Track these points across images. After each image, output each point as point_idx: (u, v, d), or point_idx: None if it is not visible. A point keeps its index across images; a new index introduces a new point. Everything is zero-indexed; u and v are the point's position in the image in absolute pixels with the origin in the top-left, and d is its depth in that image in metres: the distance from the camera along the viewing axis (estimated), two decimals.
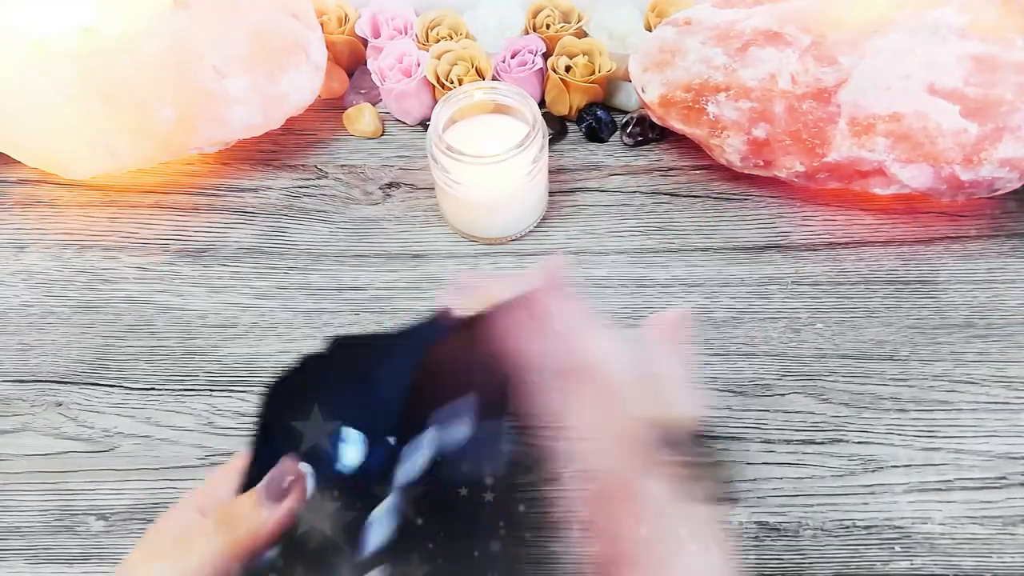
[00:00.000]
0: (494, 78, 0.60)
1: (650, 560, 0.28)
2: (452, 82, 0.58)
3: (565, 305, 0.34)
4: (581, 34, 0.61)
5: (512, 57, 0.60)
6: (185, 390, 0.50)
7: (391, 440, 0.32)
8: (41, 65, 0.51)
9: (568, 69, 0.59)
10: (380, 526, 0.31)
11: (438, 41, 0.60)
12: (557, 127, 0.60)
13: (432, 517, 0.31)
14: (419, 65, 0.59)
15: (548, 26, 0.61)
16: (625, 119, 0.60)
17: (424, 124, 0.61)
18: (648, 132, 0.59)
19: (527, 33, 0.62)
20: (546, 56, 0.61)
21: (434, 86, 0.59)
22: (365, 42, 0.63)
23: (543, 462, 0.30)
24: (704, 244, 0.55)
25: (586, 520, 0.30)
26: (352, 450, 0.33)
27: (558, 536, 0.37)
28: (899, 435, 0.47)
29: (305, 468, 0.32)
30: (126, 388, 0.51)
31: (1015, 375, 0.49)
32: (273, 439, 0.34)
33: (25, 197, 0.59)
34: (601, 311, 0.52)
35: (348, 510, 0.31)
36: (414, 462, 0.32)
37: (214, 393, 0.50)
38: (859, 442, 0.47)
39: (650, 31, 0.61)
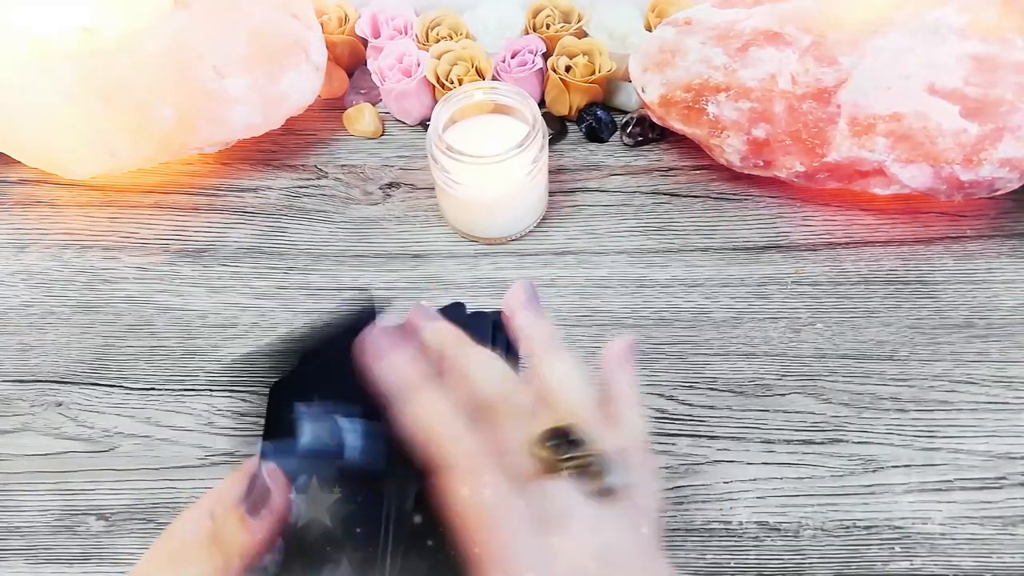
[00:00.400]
0: (494, 78, 0.60)
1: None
2: (452, 82, 0.58)
3: (535, 326, 0.34)
4: (581, 34, 0.61)
5: (512, 57, 0.60)
6: (185, 390, 0.50)
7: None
8: (41, 65, 0.51)
9: (568, 69, 0.59)
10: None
11: (438, 41, 0.60)
12: (557, 127, 0.60)
13: (429, 514, 0.31)
14: (419, 65, 0.59)
15: (548, 26, 0.61)
16: (625, 119, 0.60)
17: (424, 124, 0.61)
18: (648, 132, 0.59)
19: (527, 33, 0.62)
20: (546, 56, 0.61)
21: (434, 86, 0.59)
22: (365, 42, 0.63)
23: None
24: (704, 244, 0.55)
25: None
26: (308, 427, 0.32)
27: None
28: (899, 435, 0.47)
29: (273, 474, 0.31)
30: (126, 388, 0.51)
31: (1015, 375, 0.49)
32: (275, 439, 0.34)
33: (25, 197, 0.59)
34: (601, 311, 0.52)
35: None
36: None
37: (214, 393, 0.50)
38: (859, 442, 0.47)
39: (650, 31, 0.61)
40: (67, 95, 0.52)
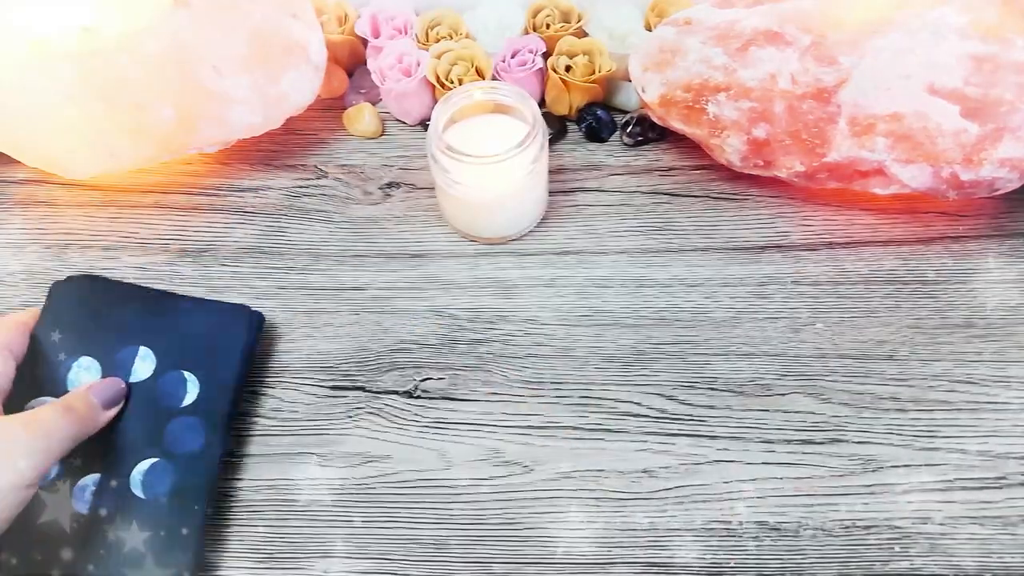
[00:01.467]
0: (494, 78, 0.60)
1: None
2: (452, 82, 0.58)
3: None
4: (581, 34, 0.61)
5: (512, 57, 0.60)
6: None
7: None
8: (41, 65, 0.51)
9: (568, 69, 0.59)
10: None
11: (438, 41, 0.60)
12: (557, 127, 0.60)
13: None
14: (419, 65, 0.59)
15: (548, 26, 0.61)
16: (625, 119, 0.60)
17: (424, 124, 0.61)
18: (648, 132, 0.59)
19: (527, 33, 0.62)
20: (546, 56, 0.61)
21: (434, 86, 0.59)
22: (365, 42, 0.63)
23: None
24: (704, 244, 0.55)
25: None
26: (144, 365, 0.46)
27: None
28: (899, 435, 0.47)
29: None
30: None
31: (1015, 375, 0.49)
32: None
33: (25, 197, 0.59)
34: (601, 311, 0.52)
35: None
36: None
37: None
38: (859, 442, 0.47)
39: (650, 31, 0.61)
40: (67, 95, 0.52)
